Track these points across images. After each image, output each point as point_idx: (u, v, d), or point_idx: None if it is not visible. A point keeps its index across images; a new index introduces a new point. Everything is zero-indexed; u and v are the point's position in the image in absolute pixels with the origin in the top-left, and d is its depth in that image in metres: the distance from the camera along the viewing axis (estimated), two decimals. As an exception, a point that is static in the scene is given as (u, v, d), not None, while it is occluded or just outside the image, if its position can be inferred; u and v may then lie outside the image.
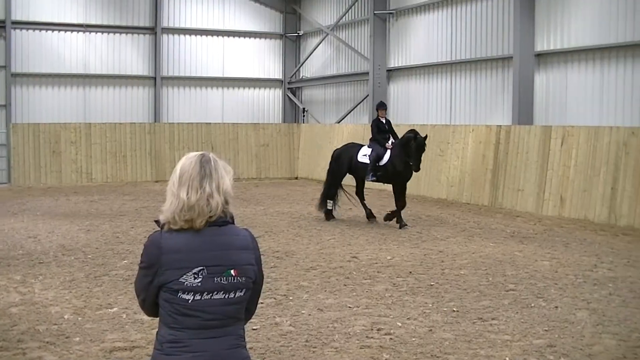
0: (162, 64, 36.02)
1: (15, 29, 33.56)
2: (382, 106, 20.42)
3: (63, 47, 34.52)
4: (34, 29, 34.04)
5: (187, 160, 4.14)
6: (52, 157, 31.21)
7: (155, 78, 35.85)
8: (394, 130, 20.20)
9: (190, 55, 36.72)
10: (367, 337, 9.65)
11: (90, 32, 34.88)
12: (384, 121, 20.12)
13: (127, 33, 35.66)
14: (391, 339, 9.57)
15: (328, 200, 20.12)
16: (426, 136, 18.99)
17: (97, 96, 34.99)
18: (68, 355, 8.98)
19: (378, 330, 9.95)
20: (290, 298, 11.69)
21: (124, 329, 10.04)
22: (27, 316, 10.67)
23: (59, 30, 34.45)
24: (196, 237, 4.06)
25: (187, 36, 36.72)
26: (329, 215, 19.98)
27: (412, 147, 18.63)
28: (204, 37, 36.96)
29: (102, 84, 35.13)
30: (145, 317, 9.89)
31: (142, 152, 32.53)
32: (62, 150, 31.52)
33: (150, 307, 4.20)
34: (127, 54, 35.65)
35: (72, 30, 34.61)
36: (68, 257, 14.98)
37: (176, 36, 36.54)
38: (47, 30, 34.28)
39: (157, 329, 4.20)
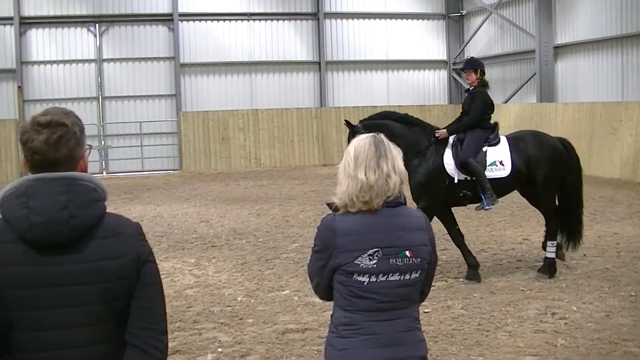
0: (326, 49, 36.04)
1: (182, 21, 34.39)
2: (467, 65, 12.60)
3: (228, 36, 35.10)
4: (200, 20, 34.75)
5: (360, 141, 4.07)
6: (221, 143, 31.86)
7: (319, 63, 35.92)
8: (472, 106, 12.18)
9: (354, 39, 36.60)
10: (541, 321, 9.32)
11: (253, 20, 35.30)
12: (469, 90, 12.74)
13: (290, 19, 35.88)
14: (566, 323, 9.19)
15: None
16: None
17: (263, 83, 35.40)
18: (242, 336, 9.07)
19: (552, 314, 9.58)
20: (462, 280, 11.42)
21: (295, 311, 10.06)
22: (202, 298, 10.84)
23: (224, 20, 35.06)
24: (370, 218, 3.98)
25: (350, 20, 36.62)
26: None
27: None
28: (366, 20, 36.76)
29: (267, 70, 35.51)
30: (317, 300, 9.87)
31: (309, 137, 32.83)
32: (231, 136, 32.19)
33: (325, 290, 4.17)
34: (291, 40, 35.89)
35: (236, 20, 35.14)
36: (239, 241, 15.15)
37: (339, 20, 36.51)
38: (212, 20, 34.95)
39: (329, 312, 4.09)
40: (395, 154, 4.05)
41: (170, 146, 33.91)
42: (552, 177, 11.66)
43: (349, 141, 12.11)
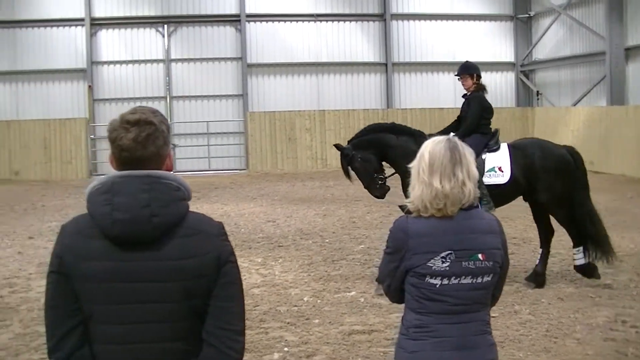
0: (392, 50, 35.94)
1: (249, 21, 34.62)
2: (461, 70, 12.16)
3: (295, 37, 35.23)
4: (267, 21, 34.94)
5: (435, 145, 4.04)
6: (288, 143, 32.00)
7: (386, 64, 35.84)
8: (469, 112, 11.88)
9: (420, 41, 36.43)
10: (610, 329, 9.15)
11: (320, 21, 35.37)
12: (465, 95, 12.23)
13: (356, 21, 35.89)
14: (637, 332, 9.03)
15: None
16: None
17: (330, 84, 35.45)
18: (308, 336, 9.09)
19: (622, 322, 9.41)
20: (525, 283, 11.29)
21: (362, 312, 10.05)
22: (269, 297, 10.90)
23: (291, 21, 35.21)
24: (443, 220, 3.97)
25: (417, 21, 36.45)
26: None
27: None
28: (432, 21, 36.56)
29: (333, 71, 35.55)
30: (383, 302, 9.91)
31: (375, 138, 32.53)
32: (297, 137, 32.29)
33: (396, 292, 4.17)
34: (358, 42, 35.87)
35: (302, 20, 35.26)
36: (306, 241, 15.19)
37: (405, 22, 36.38)
38: (279, 21, 35.13)
39: (395, 314, 4.09)
40: (470, 159, 4.03)
41: (237, 146, 34.14)
42: (558, 188, 11.22)
43: (342, 164, 11.95)
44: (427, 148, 4.06)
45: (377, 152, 11.81)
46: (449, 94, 35.75)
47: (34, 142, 31.64)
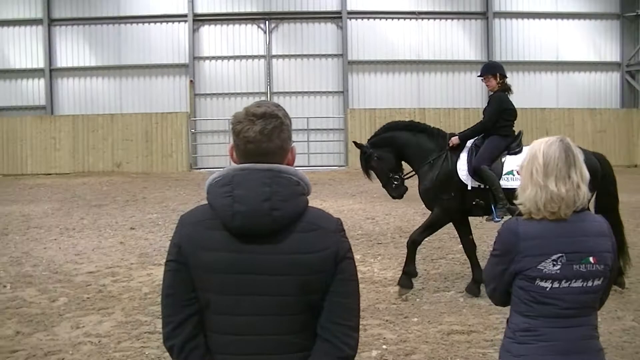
0: (495, 49, 35.58)
1: (350, 18, 34.65)
2: (484, 70, 11.75)
3: (396, 34, 35.15)
4: (368, 18, 34.93)
5: (549, 146, 3.98)
6: (387, 141, 31.79)
7: (487, 63, 35.42)
8: (486, 112, 11.59)
9: (523, 39, 35.96)
10: None
11: (422, 19, 35.19)
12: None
13: (458, 19, 35.61)
14: None
15: None
16: None
17: (430, 82, 35.27)
18: (407, 334, 9.05)
19: None
20: (634, 291, 10.99)
21: (461, 312, 9.97)
22: (367, 294, 10.87)
23: (392, 18, 35.12)
24: (555, 223, 3.91)
25: (519, 20, 36.00)
26: None
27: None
28: (536, 20, 36.05)
29: (434, 69, 35.36)
30: (483, 302, 9.93)
31: (475, 137, 32.09)
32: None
33: (502, 295, 4.13)
34: (459, 40, 35.61)
35: (404, 18, 35.14)
36: (405, 239, 15.02)
37: (508, 20, 35.97)
38: (380, 18, 35.07)
39: (495, 315, 4.00)
40: (582, 160, 3.97)
41: (337, 142, 34.21)
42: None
43: (361, 162, 11.81)
44: (540, 148, 4.00)
45: (394, 150, 11.59)
46: (551, 94, 35.24)
47: (136, 135, 32.27)
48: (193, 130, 33.36)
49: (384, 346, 8.59)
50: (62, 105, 35.47)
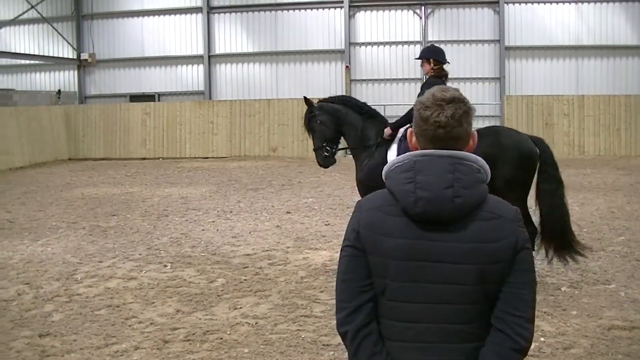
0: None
1: (507, 3, 34.10)
2: (421, 54, 11.30)
3: (554, 19, 34.34)
4: (526, 3, 34.31)
5: None
6: (545, 129, 31.09)
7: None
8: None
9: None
10: None
11: (581, 3, 34.24)
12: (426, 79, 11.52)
13: (620, 2, 34.38)
14: None
15: None
16: None
17: (590, 68, 34.30)
18: (565, 327, 8.82)
19: None
20: None
21: (622, 307, 9.63)
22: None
23: (550, 3, 34.34)
24: None
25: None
26: None
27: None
28: None
29: (594, 55, 34.34)
30: None
31: (637, 126, 31.00)
32: (555, 122, 31.37)
33: None
34: (621, 24, 34.41)
35: (563, 2, 34.26)
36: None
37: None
38: (538, 3, 34.36)
39: None
40: None
41: (492, 129, 33.74)
42: (513, 180, 10.08)
43: (304, 118, 11.67)
44: None
45: (338, 123, 11.44)
46: None
47: (291, 120, 32.60)
48: (349, 116, 33.50)
49: (542, 338, 8.39)
50: (220, 90, 36.34)
